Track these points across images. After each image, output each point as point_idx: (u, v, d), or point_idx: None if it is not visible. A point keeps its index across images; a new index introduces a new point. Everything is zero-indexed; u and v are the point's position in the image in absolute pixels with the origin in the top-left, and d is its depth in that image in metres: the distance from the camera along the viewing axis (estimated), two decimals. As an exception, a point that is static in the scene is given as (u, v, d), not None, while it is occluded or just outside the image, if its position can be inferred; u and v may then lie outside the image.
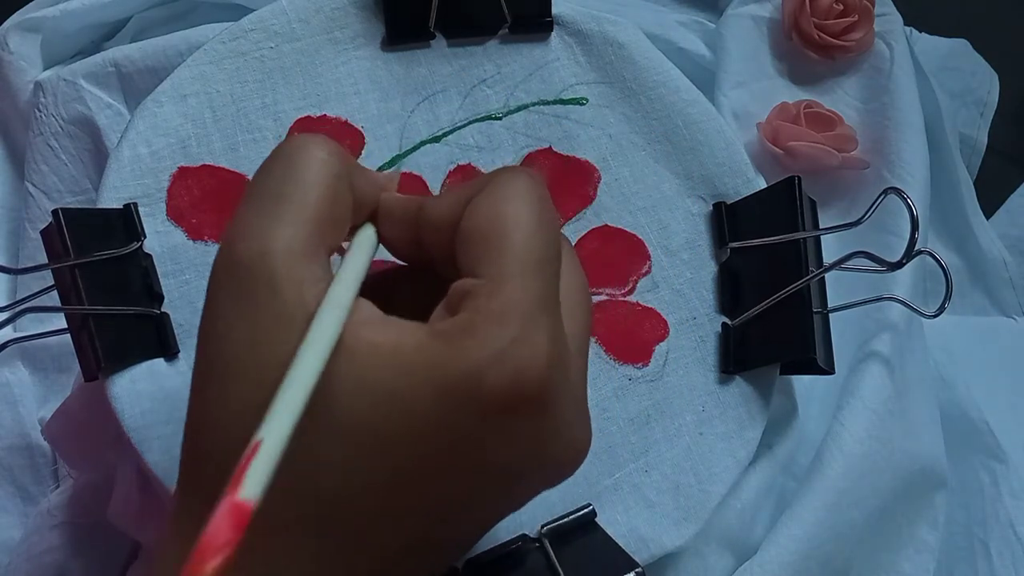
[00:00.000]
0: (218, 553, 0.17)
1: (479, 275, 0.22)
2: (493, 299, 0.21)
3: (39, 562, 0.42)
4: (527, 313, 0.21)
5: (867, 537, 0.42)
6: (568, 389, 0.23)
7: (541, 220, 0.23)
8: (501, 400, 0.21)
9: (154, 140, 0.37)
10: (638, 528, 0.36)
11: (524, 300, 0.21)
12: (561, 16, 0.41)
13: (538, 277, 0.22)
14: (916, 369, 0.46)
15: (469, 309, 0.21)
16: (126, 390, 0.34)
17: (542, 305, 0.22)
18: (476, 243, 0.23)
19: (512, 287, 0.21)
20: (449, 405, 0.21)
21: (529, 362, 0.21)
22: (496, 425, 0.21)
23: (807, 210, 0.38)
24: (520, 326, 0.21)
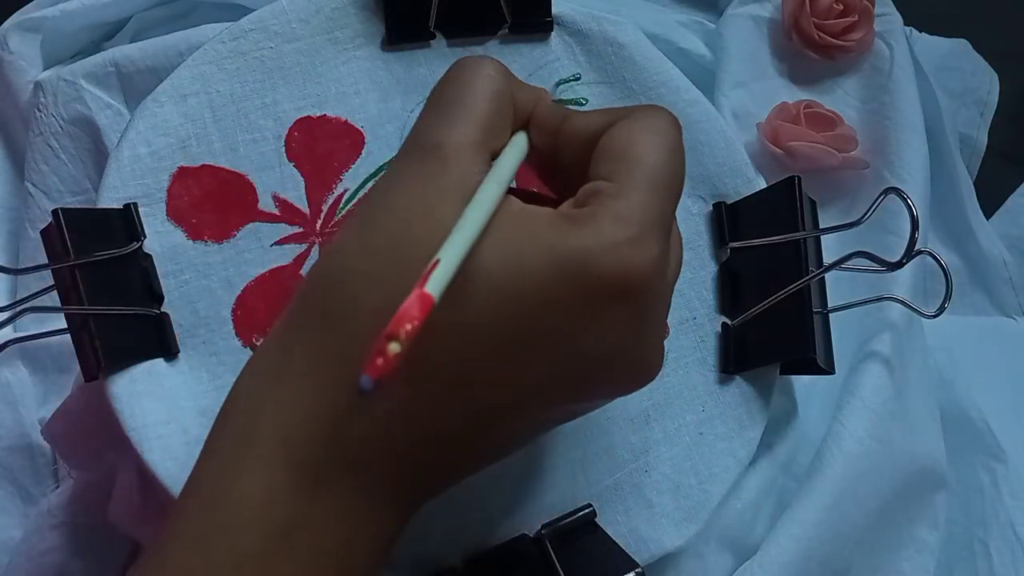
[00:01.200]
0: (410, 321, 0.19)
1: (611, 181, 0.25)
2: (619, 200, 0.24)
3: (39, 562, 0.42)
4: (645, 222, 0.24)
5: (867, 537, 0.42)
6: (661, 303, 0.26)
7: (674, 153, 0.26)
8: (607, 285, 0.23)
9: (154, 140, 0.37)
10: (638, 528, 0.36)
11: (645, 211, 0.24)
12: (561, 16, 0.41)
13: (660, 198, 0.25)
14: (916, 369, 0.46)
15: (595, 203, 0.24)
16: (126, 390, 0.34)
17: (658, 222, 0.24)
18: (613, 157, 0.26)
19: (637, 196, 0.24)
20: (561, 275, 0.23)
21: (638, 263, 0.24)
22: (597, 308, 0.24)
23: (807, 210, 0.38)
24: (638, 230, 0.24)
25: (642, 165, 0.25)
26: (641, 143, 0.26)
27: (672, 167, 0.26)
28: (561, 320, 0.24)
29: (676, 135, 0.26)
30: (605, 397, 0.28)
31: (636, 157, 0.25)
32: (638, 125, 0.26)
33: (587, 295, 0.24)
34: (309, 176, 0.38)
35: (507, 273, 0.23)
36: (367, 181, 0.38)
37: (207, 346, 0.36)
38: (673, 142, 0.26)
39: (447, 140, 0.25)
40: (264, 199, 0.38)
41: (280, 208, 0.38)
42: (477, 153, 0.25)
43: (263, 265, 0.37)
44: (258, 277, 0.37)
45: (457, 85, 0.27)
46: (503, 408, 0.25)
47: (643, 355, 0.26)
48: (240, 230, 0.37)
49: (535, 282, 0.23)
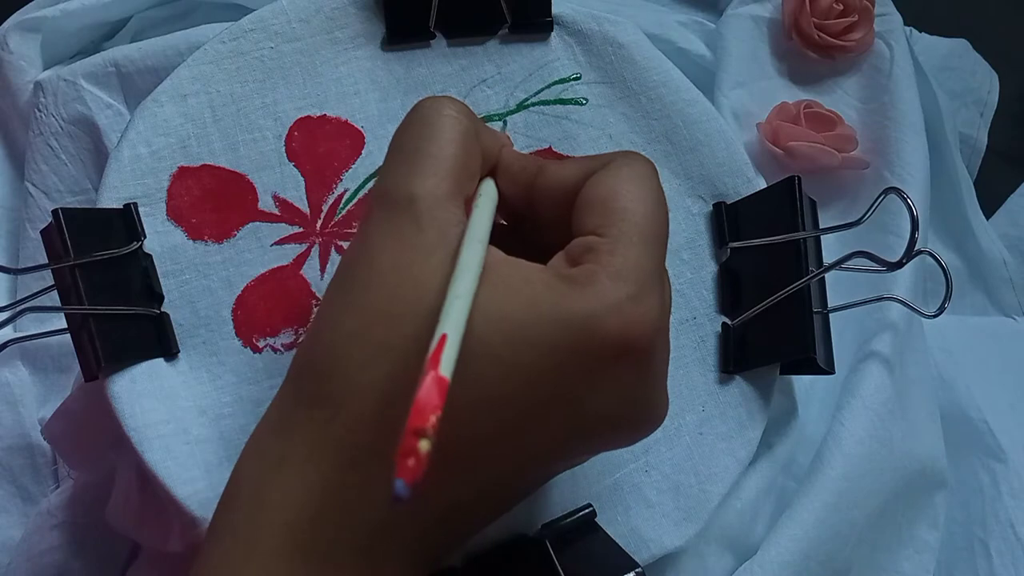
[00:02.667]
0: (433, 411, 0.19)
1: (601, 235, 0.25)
2: (615, 257, 0.24)
3: (39, 562, 0.42)
4: (643, 278, 0.24)
5: (867, 537, 0.42)
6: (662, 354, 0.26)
7: (658, 203, 0.26)
8: (613, 346, 0.23)
9: (154, 140, 0.37)
10: (638, 528, 0.36)
11: (641, 266, 0.24)
12: (561, 16, 0.41)
13: (653, 250, 0.25)
14: (916, 369, 0.46)
15: (591, 261, 0.24)
16: (126, 390, 0.34)
17: (654, 275, 0.25)
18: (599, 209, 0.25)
19: (632, 251, 0.24)
20: (567, 342, 0.23)
21: (641, 319, 0.24)
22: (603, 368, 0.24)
23: (807, 210, 0.38)
24: (637, 287, 0.24)
25: (631, 217, 0.25)
26: (625, 194, 0.25)
27: (659, 216, 0.26)
28: (567, 385, 0.24)
29: (655, 180, 0.27)
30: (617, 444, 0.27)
31: (623, 209, 0.25)
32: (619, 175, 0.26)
33: (592, 358, 0.23)
34: (309, 176, 0.38)
35: (510, 345, 0.23)
36: (367, 181, 0.38)
37: (207, 346, 0.36)
38: (655, 190, 0.26)
39: (419, 192, 0.24)
40: (264, 199, 0.38)
41: (280, 208, 0.38)
42: (451, 204, 0.25)
43: (263, 265, 0.37)
44: (258, 277, 0.37)
45: (421, 130, 0.26)
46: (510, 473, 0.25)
47: (649, 406, 0.26)
48: (240, 230, 0.37)
49: (540, 351, 0.23)
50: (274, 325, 0.36)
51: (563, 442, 0.25)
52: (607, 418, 0.25)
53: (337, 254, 0.37)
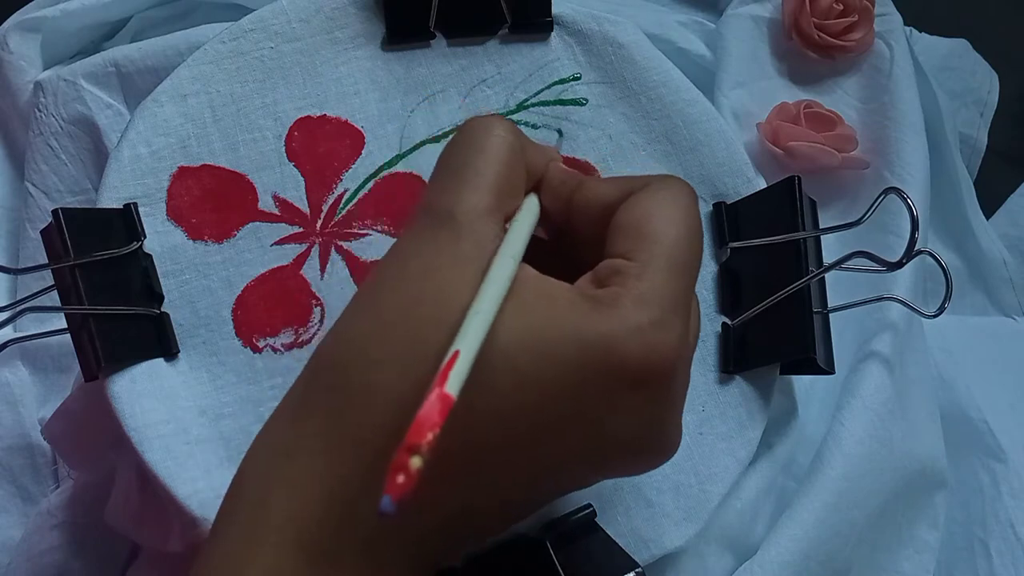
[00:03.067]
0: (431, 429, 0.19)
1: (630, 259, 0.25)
2: (642, 282, 0.24)
3: (39, 562, 0.42)
4: (667, 304, 0.24)
5: (867, 537, 0.42)
6: (682, 385, 0.25)
7: (692, 229, 0.26)
8: (630, 370, 0.23)
9: (154, 140, 0.37)
10: (638, 528, 0.36)
11: (667, 292, 0.24)
12: (561, 16, 0.41)
13: (681, 278, 0.25)
14: (916, 369, 0.46)
15: (617, 284, 0.24)
16: (126, 390, 0.34)
17: (680, 302, 0.24)
18: (631, 233, 0.25)
19: (659, 277, 0.24)
20: (587, 362, 0.23)
21: (661, 346, 0.23)
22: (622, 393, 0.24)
23: (807, 210, 0.38)
24: (661, 313, 0.24)
25: (662, 242, 0.25)
26: (659, 218, 0.25)
27: (691, 243, 0.25)
28: (583, 405, 0.24)
29: (692, 206, 0.26)
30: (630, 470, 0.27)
31: (654, 233, 0.25)
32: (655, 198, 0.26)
33: (610, 380, 0.23)
34: (309, 176, 0.38)
35: (529, 359, 0.23)
36: (367, 181, 0.38)
37: (207, 346, 0.36)
38: (691, 215, 0.26)
39: (459, 207, 0.25)
40: (264, 199, 0.38)
41: (280, 208, 0.38)
42: (490, 219, 0.25)
43: (263, 265, 0.37)
44: (258, 277, 0.37)
45: (467, 148, 0.26)
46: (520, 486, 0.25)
47: (664, 436, 0.26)
48: (240, 230, 0.37)
49: (558, 368, 0.23)
50: (274, 325, 0.36)
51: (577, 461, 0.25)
52: (623, 443, 0.25)
53: (337, 254, 0.38)
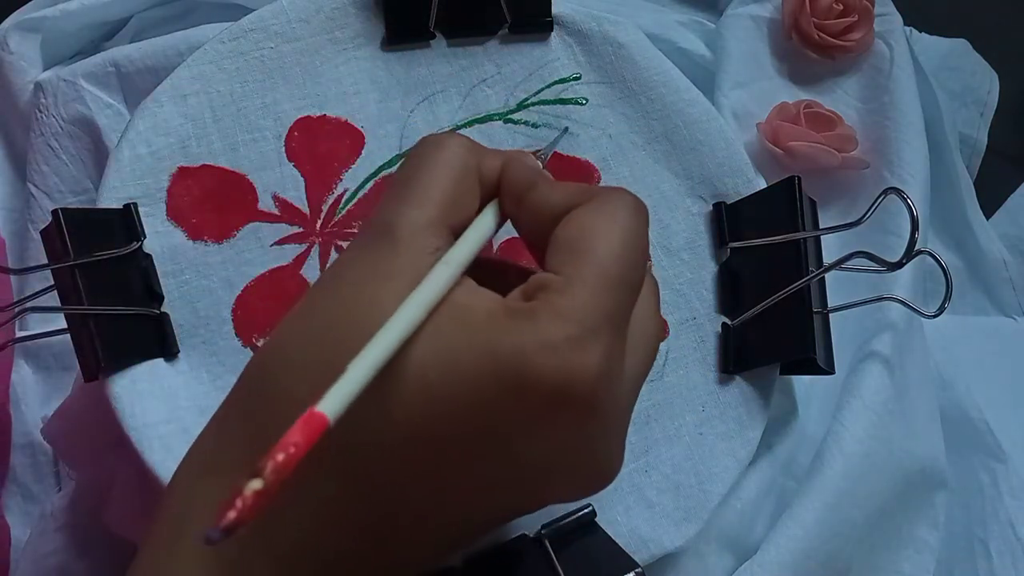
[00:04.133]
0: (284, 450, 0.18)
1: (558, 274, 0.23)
2: (563, 297, 0.22)
3: (44, 564, 0.42)
4: (589, 321, 0.22)
5: (867, 537, 0.42)
6: (613, 410, 0.23)
7: (629, 244, 0.24)
8: (544, 389, 0.22)
9: (154, 140, 0.37)
10: (638, 528, 0.36)
11: (590, 307, 0.22)
12: (561, 16, 0.41)
13: (611, 294, 0.23)
14: (916, 369, 0.46)
15: (539, 299, 0.23)
16: (126, 390, 0.34)
17: (606, 320, 0.22)
18: (564, 247, 0.24)
19: (582, 292, 0.22)
20: (495, 376, 0.22)
21: (578, 366, 0.22)
22: (536, 413, 0.22)
23: (807, 210, 0.38)
24: (579, 329, 0.22)
25: (593, 257, 0.23)
26: (596, 233, 0.24)
27: (629, 259, 0.24)
28: (496, 424, 0.22)
29: (637, 222, 0.24)
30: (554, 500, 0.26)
31: (588, 249, 0.23)
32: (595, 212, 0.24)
33: (523, 398, 0.22)
34: (309, 176, 0.38)
35: (440, 371, 0.22)
36: (367, 181, 0.38)
37: (207, 346, 0.36)
38: (632, 231, 0.24)
39: (399, 220, 0.24)
40: (264, 199, 0.38)
41: (280, 208, 0.38)
42: (431, 233, 0.24)
43: (263, 265, 0.37)
44: (258, 277, 0.37)
45: (415, 164, 0.26)
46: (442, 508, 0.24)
47: (592, 465, 0.24)
48: (240, 230, 0.37)
49: (468, 382, 0.22)
50: (274, 325, 0.36)
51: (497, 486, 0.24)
52: (543, 470, 0.23)
53: (337, 254, 0.38)
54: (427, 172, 0.25)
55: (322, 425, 0.18)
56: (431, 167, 0.25)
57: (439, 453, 0.23)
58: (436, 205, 0.25)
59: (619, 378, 0.23)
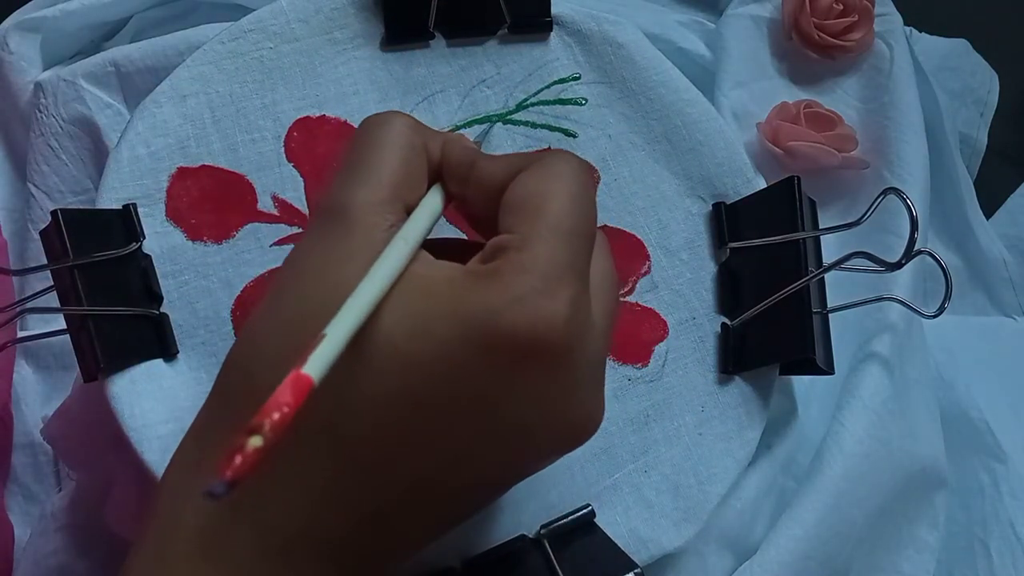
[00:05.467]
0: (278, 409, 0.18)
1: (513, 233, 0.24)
2: (522, 252, 0.23)
3: (44, 564, 0.42)
4: (551, 271, 0.23)
5: (867, 537, 0.42)
6: (585, 357, 0.24)
7: (577, 197, 0.25)
8: (515, 343, 0.22)
9: (153, 141, 0.37)
10: (637, 529, 0.36)
11: (550, 259, 0.23)
12: (561, 16, 0.41)
13: (567, 244, 0.24)
14: (916, 369, 0.46)
15: (500, 259, 0.23)
16: (126, 390, 0.34)
17: (567, 269, 0.23)
18: (514, 209, 0.25)
19: (541, 246, 0.23)
20: (465, 336, 0.22)
21: (547, 314, 0.22)
22: (509, 369, 0.22)
23: (807, 210, 0.38)
24: (543, 280, 0.22)
25: (544, 213, 0.24)
26: (544, 192, 0.24)
27: (578, 211, 0.24)
28: (472, 384, 0.22)
29: (582, 178, 0.25)
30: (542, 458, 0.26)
31: (539, 206, 0.24)
32: (540, 173, 0.25)
33: (495, 355, 0.22)
34: (308, 176, 0.38)
35: (410, 339, 0.22)
36: (366, 181, 0.38)
37: (207, 346, 0.36)
38: (578, 186, 0.25)
39: (351, 202, 0.24)
40: (263, 200, 0.38)
41: (279, 209, 0.38)
42: (384, 212, 0.24)
43: (262, 266, 0.37)
44: (257, 278, 0.37)
45: (362, 144, 0.26)
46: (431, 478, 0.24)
47: (572, 414, 0.24)
48: (239, 231, 0.37)
49: (439, 346, 0.22)
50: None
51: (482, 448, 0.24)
52: (524, 428, 0.23)
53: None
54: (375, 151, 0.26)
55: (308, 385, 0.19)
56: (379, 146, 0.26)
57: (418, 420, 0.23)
58: (387, 185, 0.25)
59: (588, 325, 0.24)
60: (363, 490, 0.23)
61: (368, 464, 0.23)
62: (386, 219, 0.24)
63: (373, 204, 0.24)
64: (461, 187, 0.27)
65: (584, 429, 0.25)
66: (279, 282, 0.25)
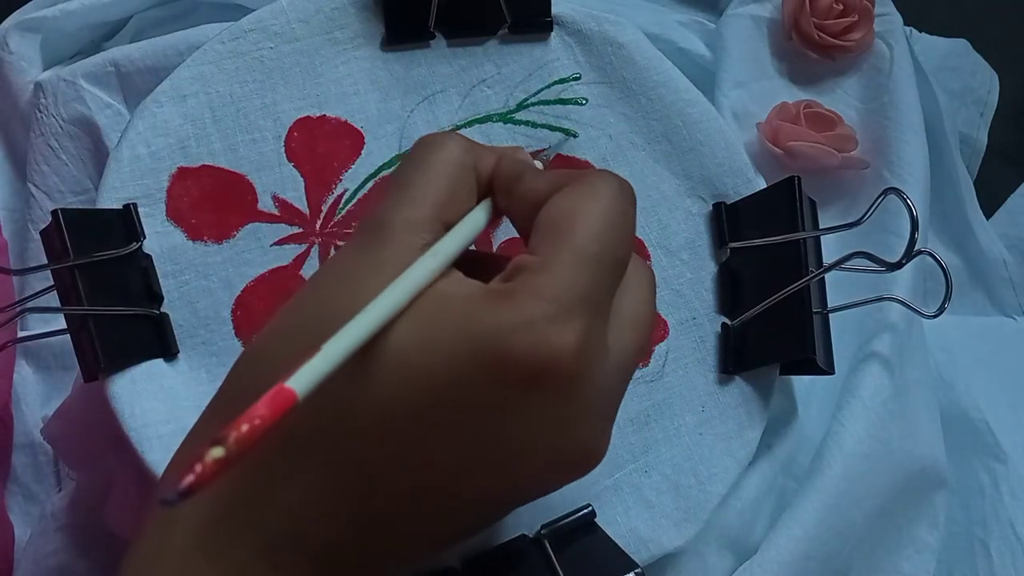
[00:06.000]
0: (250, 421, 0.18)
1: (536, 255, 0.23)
2: (539, 275, 0.22)
3: (45, 564, 0.42)
4: (565, 298, 0.22)
5: (867, 537, 0.42)
6: (592, 389, 0.23)
7: (609, 223, 0.24)
8: (519, 367, 0.22)
9: (153, 140, 0.37)
10: (638, 529, 0.36)
11: (568, 286, 0.22)
12: (561, 16, 0.41)
13: (589, 272, 0.23)
14: (916, 369, 0.46)
15: (517, 280, 0.23)
16: (126, 390, 0.34)
17: (585, 298, 0.22)
18: (545, 229, 0.24)
19: (559, 270, 0.22)
20: (472, 354, 0.22)
21: (554, 342, 0.22)
22: (513, 391, 0.22)
23: (807, 210, 0.38)
24: (555, 306, 0.22)
25: (571, 236, 0.23)
26: (576, 213, 0.24)
27: (609, 238, 0.23)
28: (474, 402, 0.22)
29: (621, 201, 0.24)
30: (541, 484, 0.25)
31: (566, 228, 0.23)
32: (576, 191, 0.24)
33: (500, 377, 0.22)
34: (309, 176, 0.38)
35: (419, 352, 0.22)
36: (367, 181, 0.38)
37: (207, 346, 0.36)
38: (613, 210, 0.24)
39: (392, 218, 0.24)
40: (264, 199, 0.38)
41: (280, 208, 0.38)
42: (422, 230, 0.24)
43: (263, 265, 0.37)
44: (258, 277, 0.37)
45: (412, 164, 0.26)
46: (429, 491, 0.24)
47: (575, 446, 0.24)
48: (240, 230, 0.37)
49: (446, 360, 0.22)
50: (274, 325, 0.36)
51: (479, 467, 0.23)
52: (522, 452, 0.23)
53: None
54: (423, 173, 0.25)
55: (290, 400, 0.19)
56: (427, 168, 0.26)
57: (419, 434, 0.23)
58: (430, 204, 0.25)
59: (599, 357, 0.23)
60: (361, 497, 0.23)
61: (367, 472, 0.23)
62: (422, 237, 0.24)
63: (412, 222, 0.24)
64: (507, 201, 0.27)
65: (582, 461, 0.24)
66: (305, 286, 0.25)
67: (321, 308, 0.24)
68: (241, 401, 0.23)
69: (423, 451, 0.23)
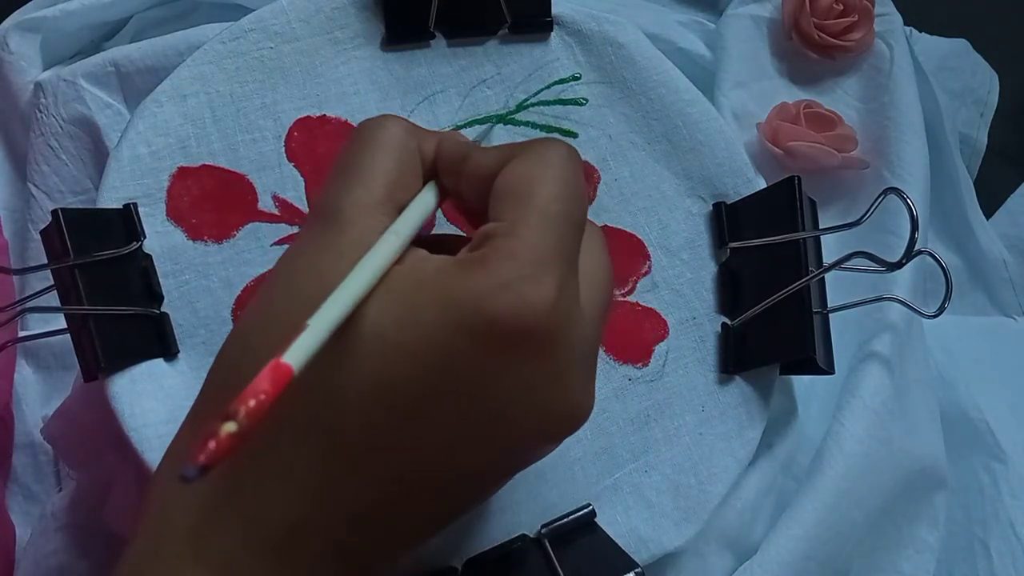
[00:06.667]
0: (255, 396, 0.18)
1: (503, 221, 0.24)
2: (509, 239, 0.23)
3: (45, 564, 0.42)
4: (538, 257, 0.23)
5: (867, 537, 0.42)
6: (573, 344, 0.24)
7: (567, 182, 0.25)
8: (500, 329, 0.22)
9: (154, 140, 0.37)
10: (638, 528, 0.36)
11: (537, 245, 0.23)
12: (561, 16, 0.41)
13: (555, 230, 0.24)
14: (916, 369, 0.46)
15: (487, 246, 0.23)
16: (126, 390, 0.34)
17: (555, 255, 0.23)
18: (503, 196, 0.25)
19: (528, 231, 0.23)
20: (452, 323, 0.22)
21: (532, 300, 0.22)
22: (495, 356, 0.22)
23: (807, 210, 0.38)
24: (529, 266, 0.22)
25: (533, 200, 0.24)
26: (532, 178, 0.24)
27: (567, 197, 0.24)
28: (458, 371, 0.22)
29: (570, 166, 0.25)
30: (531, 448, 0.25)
31: (527, 192, 0.24)
32: (529, 159, 0.25)
33: (482, 342, 0.22)
34: (309, 176, 0.38)
35: (398, 327, 0.22)
36: (367, 181, 0.38)
37: (207, 346, 0.36)
38: (566, 173, 0.25)
39: (345, 202, 0.25)
40: (264, 199, 0.38)
41: (280, 208, 0.38)
42: (377, 212, 0.25)
43: (263, 265, 0.37)
44: (258, 277, 0.37)
45: (356, 147, 0.26)
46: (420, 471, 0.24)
47: (562, 402, 0.24)
48: (240, 230, 0.37)
49: (426, 333, 0.22)
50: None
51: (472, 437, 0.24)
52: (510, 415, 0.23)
53: None
54: (370, 154, 0.26)
55: (288, 374, 0.19)
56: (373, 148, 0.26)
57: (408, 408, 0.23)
58: (381, 185, 0.25)
59: (576, 311, 0.24)
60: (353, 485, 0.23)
61: (356, 458, 0.23)
62: (379, 220, 0.25)
63: (366, 205, 0.25)
64: (455, 181, 0.27)
65: (572, 418, 0.25)
66: (271, 279, 0.25)
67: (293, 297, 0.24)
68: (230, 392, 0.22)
69: (411, 430, 0.23)
